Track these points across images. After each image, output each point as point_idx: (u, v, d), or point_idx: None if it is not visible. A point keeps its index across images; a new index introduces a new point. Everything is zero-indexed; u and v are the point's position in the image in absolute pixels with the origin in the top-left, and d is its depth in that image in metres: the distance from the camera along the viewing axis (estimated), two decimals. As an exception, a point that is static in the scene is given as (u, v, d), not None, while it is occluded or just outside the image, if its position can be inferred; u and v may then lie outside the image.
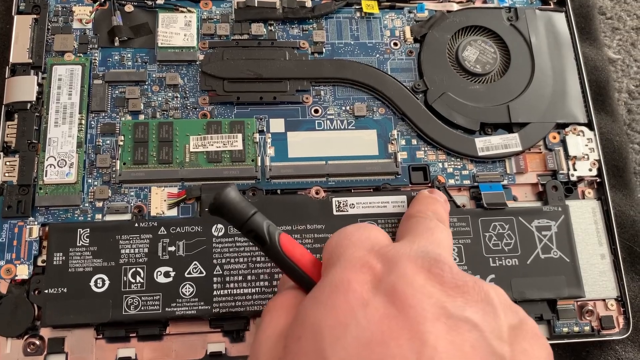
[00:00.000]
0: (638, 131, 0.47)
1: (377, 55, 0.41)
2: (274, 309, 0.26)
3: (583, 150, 0.40)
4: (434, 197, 0.34)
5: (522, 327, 0.23)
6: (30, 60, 0.38)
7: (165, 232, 0.34)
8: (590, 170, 0.40)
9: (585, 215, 0.38)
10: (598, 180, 0.39)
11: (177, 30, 0.39)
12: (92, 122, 0.37)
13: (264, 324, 0.25)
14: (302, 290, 0.27)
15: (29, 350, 0.33)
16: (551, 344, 0.36)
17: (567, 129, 0.41)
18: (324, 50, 0.41)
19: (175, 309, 0.33)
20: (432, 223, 0.30)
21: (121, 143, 0.36)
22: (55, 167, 0.35)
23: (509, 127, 0.40)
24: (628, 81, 0.49)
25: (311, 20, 0.41)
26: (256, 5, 0.41)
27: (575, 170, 0.39)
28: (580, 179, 0.39)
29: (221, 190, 0.27)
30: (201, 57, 0.39)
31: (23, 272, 0.33)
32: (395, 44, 0.42)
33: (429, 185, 0.38)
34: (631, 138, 0.46)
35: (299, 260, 0.27)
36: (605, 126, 0.44)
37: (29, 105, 0.36)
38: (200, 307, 0.33)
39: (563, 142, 0.40)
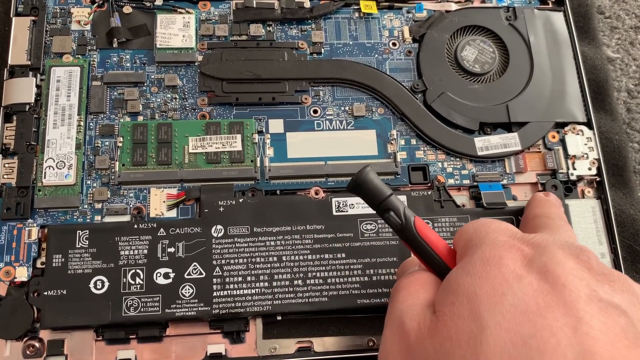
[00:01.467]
0: (637, 130, 0.47)
1: (376, 56, 0.41)
2: (410, 285, 0.27)
3: (582, 150, 0.40)
4: (551, 200, 0.35)
5: None
6: (29, 62, 0.38)
7: (165, 234, 0.34)
8: (589, 169, 0.40)
9: (585, 214, 0.38)
10: (598, 179, 0.39)
11: (175, 32, 0.39)
12: (91, 124, 0.37)
13: (401, 297, 0.26)
14: (433, 273, 0.28)
15: (28, 352, 0.32)
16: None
17: (566, 128, 0.40)
18: (322, 50, 0.41)
19: (175, 310, 0.33)
20: (560, 222, 0.32)
21: (120, 144, 0.36)
22: (54, 169, 0.35)
23: (508, 127, 0.40)
24: (627, 80, 0.49)
25: (310, 21, 0.41)
26: (254, 6, 0.41)
27: (574, 169, 0.39)
28: (580, 178, 0.39)
29: (361, 170, 0.28)
30: (200, 58, 0.39)
31: (22, 274, 0.33)
32: (394, 44, 0.42)
33: (429, 185, 0.38)
34: (630, 137, 0.46)
35: (432, 242, 0.28)
36: (605, 125, 0.44)
37: (27, 107, 0.36)
38: (200, 308, 0.33)
39: (562, 142, 0.40)
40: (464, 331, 0.22)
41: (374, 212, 0.29)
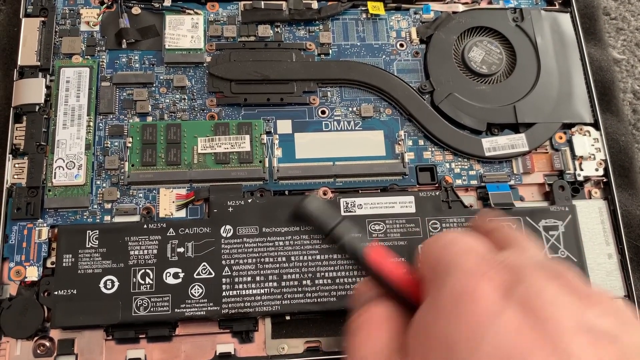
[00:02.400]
0: (643, 131, 0.47)
1: (384, 57, 0.41)
2: (370, 324, 0.24)
3: (589, 150, 0.40)
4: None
5: None
6: (38, 63, 0.38)
7: (174, 234, 0.34)
8: (596, 170, 0.40)
9: (592, 215, 0.39)
10: (604, 180, 0.40)
11: (184, 33, 0.40)
12: (100, 124, 0.37)
13: (362, 341, 0.24)
14: (391, 300, 0.25)
15: (39, 351, 0.33)
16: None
17: (573, 129, 0.41)
18: (330, 51, 0.41)
19: (184, 310, 0.33)
20: (521, 235, 0.30)
21: (129, 145, 0.36)
22: (64, 169, 0.35)
23: (515, 128, 0.40)
24: (633, 81, 0.49)
25: (317, 22, 0.41)
26: (262, 7, 0.41)
27: (581, 170, 0.39)
28: (587, 179, 0.39)
29: (301, 201, 0.25)
30: (208, 59, 0.39)
31: (32, 273, 0.34)
32: (402, 45, 0.42)
33: (436, 185, 0.38)
34: (637, 138, 0.46)
35: (389, 273, 0.25)
36: (611, 126, 0.44)
37: (37, 107, 0.37)
38: (209, 308, 0.33)
39: (569, 142, 0.40)
40: None
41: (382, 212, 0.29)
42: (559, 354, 0.19)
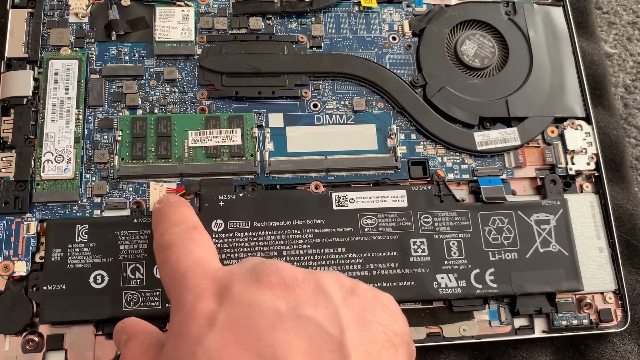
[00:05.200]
0: (634, 125, 0.47)
1: (376, 50, 0.41)
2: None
3: (581, 144, 0.40)
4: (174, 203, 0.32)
5: (359, 299, 0.24)
6: (26, 55, 0.37)
7: (165, 228, 0.34)
8: (588, 164, 0.40)
9: (583, 209, 0.39)
10: (596, 174, 0.40)
11: (174, 25, 0.39)
12: (90, 117, 0.37)
13: None
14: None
15: (27, 347, 0.32)
16: (550, 337, 0.36)
17: (565, 123, 0.41)
18: (322, 44, 0.41)
19: (175, 305, 0.33)
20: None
21: (119, 138, 0.36)
22: (52, 163, 0.35)
23: (507, 122, 0.40)
24: (624, 75, 0.49)
25: (309, 14, 0.41)
26: (254, -1, 0.41)
27: (573, 164, 0.39)
28: (579, 173, 0.39)
29: None
30: (199, 51, 0.39)
31: (21, 268, 0.33)
32: (394, 38, 0.42)
33: (428, 179, 0.38)
34: (627, 132, 0.46)
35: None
36: (603, 120, 0.44)
37: (25, 100, 0.36)
38: (200, 303, 0.33)
39: (561, 136, 0.40)
40: None
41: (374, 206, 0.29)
42: (255, 356, 0.21)
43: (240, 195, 0.35)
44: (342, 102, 0.39)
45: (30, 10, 0.38)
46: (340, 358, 0.21)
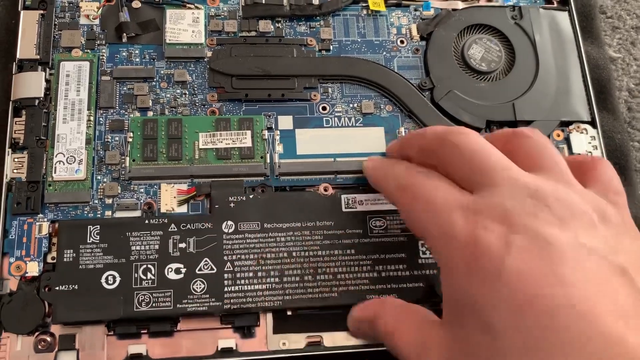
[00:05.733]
0: (638, 129, 0.47)
1: (384, 53, 0.41)
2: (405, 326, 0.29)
3: (587, 148, 0.40)
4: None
5: (614, 226, 0.25)
6: (38, 56, 0.37)
7: (176, 229, 0.34)
8: (593, 167, 0.40)
9: (589, 212, 0.39)
10: (601, 177, 0.40)
11: (184, 27, 0.39)
12: (101, 119, 0.37)
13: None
14: None
15: (39, 347, 0.32)
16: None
17: (570, 127, 0.41)
18: (331, 47, 0.41)
19: (186, 306, 0.33)
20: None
21: (130, 140, 0.36)
22: (64, 164, 0.35)
23: (514, 125, 0.40)
24: (628, 80, 0.49)
25: (318, 18, 0.41)
26: (263, 2, 0.41)
27: (579, 167, 0.40)
28: (584, 176, 0.40)
29: None
30: (209, 53, 0.39)
31: (33, 269, 0.33)
32: (402, 42, 0.42)
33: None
34: (632, 136, 0.47)
35: None
36: (607, 124, 0.45)
37: (36, 101, 0.36)
38: (211, 304, 0.33)
39: (567, 140, 0.41)
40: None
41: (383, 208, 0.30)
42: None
43: (251, 196, 0.36)
44: (351, 105, 0.40)
45: (42, 12, 0.39)
46: (625, 279, 0.22)
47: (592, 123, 0.41)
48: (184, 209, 0.36)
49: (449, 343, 0.25)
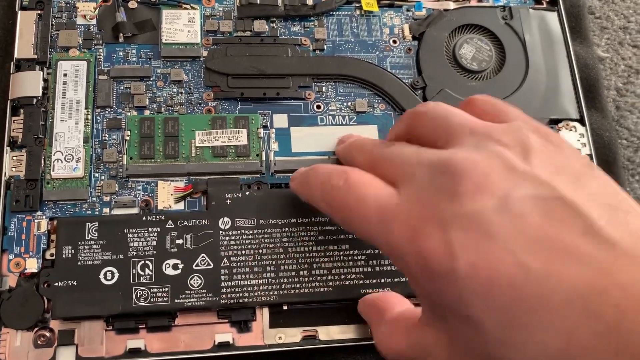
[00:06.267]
0: (626, 127, 0.48)
1: (377, 53, 0.42)
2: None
3: (576, 145, 0.41)
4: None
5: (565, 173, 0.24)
6: (35, 56, 0.38)
7: (173, 226, 0.35)
8: (582, 164, 0.41)
9: (578, 208, 0.40)
10: (590, 174, 0.41)
11: (180, 27, 0.40)
12: (98, 118, 0.38)
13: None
14: None
15: (39, 342, 0.33)
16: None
17: (560, 125, 0.42)
18: (325, 47, 0.42)
19: (184, 301, 0.34)
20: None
21: (127, 138, 0.37)
22: (62, 162, 0.36)
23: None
24: (616, 79, 0.50)
25: (312, 18, 0.42)
26: (258, 2, 0.41)
27: (568, 164, 0.41)
28: (573, 173, 0.41)
29: None
30: (205, 53, 0.40)
31: (32, 265, 0.34)
32: (395, 42, 0.43)
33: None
34: (619, 133, 0.48)
35: None
36: (596, 122, 0.46)
37: (34, 100, 0.37)
38: (208, 299, 0.34)
39: (556, 138, 0.41)
40: None
41: None
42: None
43: (247, 193, 0.36)
44: (345, 104, 0.40)
45: (39, 12, 0.39)
46: (565, 208, 0.21)
47: (581, 121, 0.42)
48: (180, 206, 0.36)
49: (444, 342, 0.25)
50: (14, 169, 0.36)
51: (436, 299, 0.24)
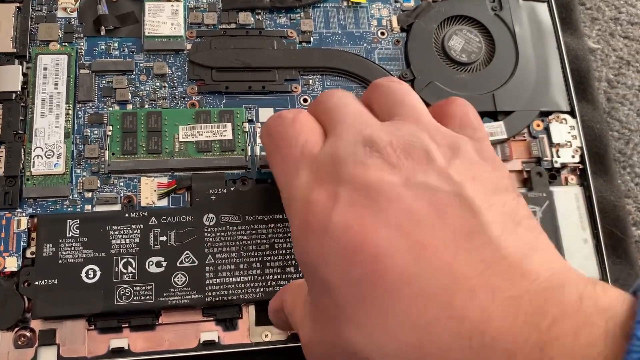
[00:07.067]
0: (617, 119, 0.48)
1: (365, 45, 0.41)
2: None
3: (566, 138, 0.41)
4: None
5: (461, 159, 0.24)
6: (14, 50, 0.37)
7: (156, 222, 0.34)
8: (573, 157, 0.40)
9: (568, 201, 0.39)
10: (580, 166, 0.40)
11: (164, 19, 0.39)
12: (80, 113, 0.37)
13: None
14: None
15: (19, 342, 0.32)
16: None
17: (550, 117, 0.41)
18: (311, 39, 0.41)
19: (167, 299, 0.33)
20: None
21: (109, 133, 0.36)
22: (42, 158, 0.35)
23: (494, 116, 0.41)
24: (607, 70, 0.50)
25: (298, 10, 0.41)
26: (243, -6, 0.41)
27: (558, 157, 0.40)
28: (564, 166, 0.40)
29: None
30: (189, 46, 0.39)
31: (12, 264, 0.33)
32: (383, 34, 0.42)
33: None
34: (611, 125, 0.47)
35: None
36: (587, 114, 0.45)
37: (14, 95, 0.36)
38: (193, 296, 0.33)
39: (547, 130, 0.41)
40: None
41: None
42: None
43: (232, 189, 0.36)
44: (332, 97, 0.40)
45: (18, 4, 0.38)
46: (462, 206, 0.21)
47: (572, 113, 0.42)
48: (164, 202, 0.36)
49: (307, 305, 0.25)
50: (-8, 166, 0.35)
51: (303, 258, 0.24)
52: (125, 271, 0.33)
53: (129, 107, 0.37)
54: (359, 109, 0.27)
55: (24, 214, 0.34)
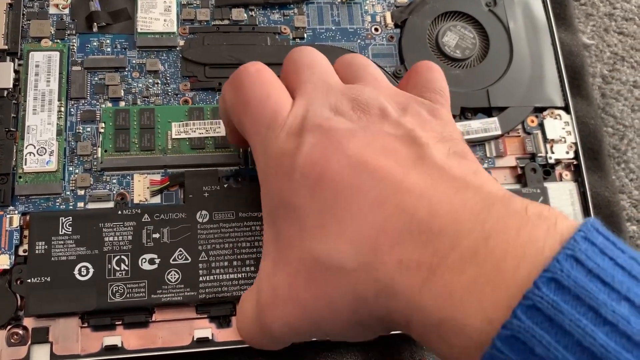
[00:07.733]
0: (611, 114, 0.48)
1: (359, 41, 0.41)
2: None
3: (560, 134, 0.41)
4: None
5: (411, 115, 0.27)
6: (6, 47, 0.37)
7: (149, 219, 0.34)
8: (567, 153, 0.40)
9: (563, 197, 0.39)
10: (575, 162, 0.40)
11: (156, 16, 0.39)
12: (72, 110, 0.37)
13: None
14: None
15: (12, 340, 0.32)
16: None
17: (544, 113, 0.41)
18: (305, 35, 0.41)
19: (161, 296, 0.33)
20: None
21: (102, 130, 0.36)
22: (35, 155, 0.35)
23: (488, 112, 0.41)
24: (602, 66, 0.50)
25: (292, 6, 0.41)
26: (236, -10, 0.40)
27: (553, 153, 0.40)
28: (558, 162, 0.40)
29: None
30: (182, 42, 0.39)
31: (4, 262, 0.33)
32: (376, 30, 0.42)
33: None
34: (605, 121, 0.47)
35: None
36: (581, 110, 0.45)
37: (5, 92, 0.36)
38: (186, 293, 0.33)
39: (541, 126, 0.41)
40: None
41: None
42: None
43: (225, 186, 0.35)
44: (326, 93, 0.39)
45: (9, 1, 0.38)
46: (412, 142, 0.25)
47: (566, 109, 0.42)
48: (157, 199, 0.35)
49: (269, 240, 0.28)
50: (-16, 163, 0.35)
51: (273, 198, 0.27)
52: (118, 268, 0.33)
53: (122, 104, 0.37)
54: (325, 68, 0.30)
55: (16, 212, 0.34)
